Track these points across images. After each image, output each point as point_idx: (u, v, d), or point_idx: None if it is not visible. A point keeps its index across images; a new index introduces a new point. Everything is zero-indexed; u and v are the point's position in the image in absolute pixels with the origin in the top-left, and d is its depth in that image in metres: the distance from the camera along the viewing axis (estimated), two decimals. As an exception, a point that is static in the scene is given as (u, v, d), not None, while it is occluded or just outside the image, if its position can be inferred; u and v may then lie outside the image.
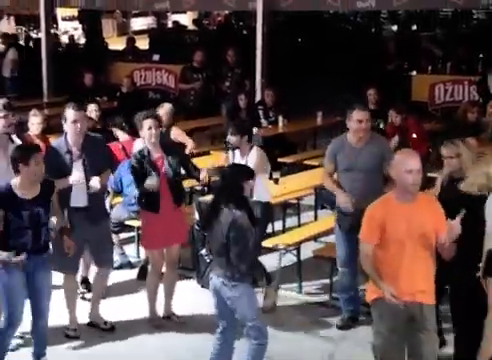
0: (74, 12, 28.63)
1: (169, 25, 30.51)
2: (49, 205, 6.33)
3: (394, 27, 28.54)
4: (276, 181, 9.62)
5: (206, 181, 7.82)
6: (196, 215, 8.39)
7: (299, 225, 9.96)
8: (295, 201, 10.24)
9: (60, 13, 32.48)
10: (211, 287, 6.17)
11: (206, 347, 6.48)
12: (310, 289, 8.42)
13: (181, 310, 7.74)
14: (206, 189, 10.89)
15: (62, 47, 22.12)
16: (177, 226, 7.43)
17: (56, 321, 7.20)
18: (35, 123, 10.05)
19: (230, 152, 8.20)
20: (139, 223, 8.36)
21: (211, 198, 6.43)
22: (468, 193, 6.12)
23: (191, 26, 27.45)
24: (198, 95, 15.25)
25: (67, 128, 7.01)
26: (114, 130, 9.99)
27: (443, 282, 6.06)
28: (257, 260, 7.38)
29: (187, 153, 9.76)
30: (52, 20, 19.73)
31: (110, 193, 8.96)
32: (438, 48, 17.80)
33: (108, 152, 7.68)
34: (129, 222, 8.98)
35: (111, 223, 8.24)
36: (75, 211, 7.03)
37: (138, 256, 9.25)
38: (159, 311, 7.64)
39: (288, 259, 8.51)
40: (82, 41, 24.36)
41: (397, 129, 10.87)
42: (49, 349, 6.71)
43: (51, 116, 14.27)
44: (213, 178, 10.87)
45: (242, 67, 15.21)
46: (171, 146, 7.74)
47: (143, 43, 23.80)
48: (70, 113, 6.98)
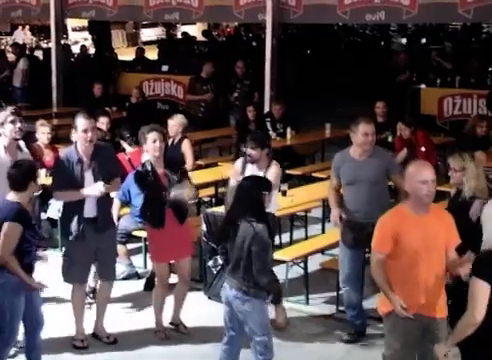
0: (84, 23, 28.71)
1: (178, 36, 30.61)
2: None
3: (403, 40, 28.55)
4: (284, 193, 9.62)
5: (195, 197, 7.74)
6: (204, 226, 8.38)
7: (306, 237, 9.95)
8: (303, 213, 10.23)
9: (70, 24, 32.65)
10: (223, 297, 6.16)
11: (212, 358, 6.47)
12: (317, 301, 8.40)
13: (188, 321, 7.72)
14: (214, 200, 10.91)
15: (73, 57, 22.19)
16: (183, 240, 7.42)
17: (63, 331, 7.22)
18: (43, 133, 10.13)
19: (239, 163, 8.06)
20: (146, 234, 8.38)
21: (227, 210, 6.36)
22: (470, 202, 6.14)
23: (200, 37, 27.50)
24: (208, 106, 15.28)
25: (77, 137, 6.99)
26: (121, 142, 10.00)
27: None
28: (274, 275, 7.38)
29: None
30: (62, 30, 19.76)
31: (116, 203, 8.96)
32: (447, 61, 17.78)
33: (117, 161, 7.68)
34: (136, 233, 8.99)
35: (118, 234, 8.25)
36: (87, 222, 7.04)
37: (145, 267, 9.24)
38: (165, 322, 7.63)
39: (295, 271, 8.50)
40: (92, 51, 24.40)
41: (406, 142, 10.88)
42: (55, 358, 6.69)
43: (60, 126, 14.39)
44: (221, 190, 10.93)
45: (251, 79, 15.23)
46: (174, 162, 7.69)
47: (152, 54, 23.87)
48: (80, 122, 6.96)
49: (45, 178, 9.81)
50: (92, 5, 16.74)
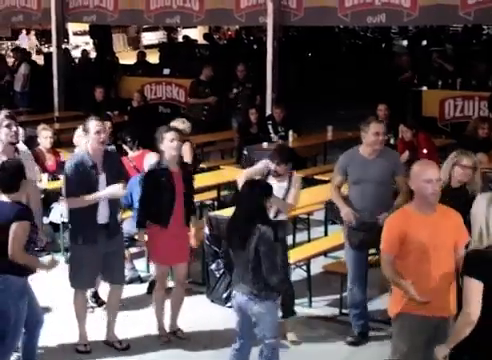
0: (85, 27, 28.75)
1: (180, 39, 30.64)
2: None
3: (404, 42, 28.56)
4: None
5: None
6: (206, 230, 8.38)
7: (309, 240, 9.94)
8: (305, 216, 10.23)
9: (71, 28, 32.72)
10: (235, 304, 6.17)
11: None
12: (320, 304, 8.40)
13: (191, 325, 7.73)
14: (216, 204, 10.91)
15: (74, 62, 22.21)
16: (183, 244, 7.42)
17: (66, 337, 7.22)
18: (46, 137, 10.13)
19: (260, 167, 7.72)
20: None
21: (231, 215, 6.33)
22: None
23: (201, 40, 27.52)
24: (211, 109, 15.29)
25: (90, 139, 6.98)
26: (123, 146, 9.99)
27: None
28: (287, 276, 7.45)
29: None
30: (63, 35, 19.79)
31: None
32: (448, 63, 17.78)
33: (123, 165, 7.67)
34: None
35: (122, 238, 8.24)
36: (99, 228, 7.04)
37: (148, 271, 9.24)
38: (167, 326, 7.64)
39: (298, 274, 8.51)
40: (93, 55, 24.43)
41: (407, 145, 10.87)
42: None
43: (62, 130, 14.40)
44: (223, 193, 10.94)
45: (253, 82, 15.23)
46: (184, 162, 7.72)
47: (153, 57, 23.89)
48: (93, 124, 6.98)
49: (47, 182, 9.83)
50: (93, 9, 16.77)
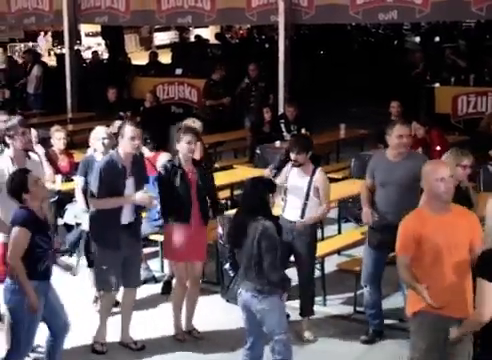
0: (97, 28, 28.83)
1: (191, 39, 30.66)
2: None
3: (417, 39, 28.49)
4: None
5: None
6: (220, 229, 8.40)
7: (322, 238, 9.92)
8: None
9: (84, 29, 32.80)
10: (240, 302, 6.17)
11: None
12: (334, 302, 8.39)
13: (206, 324, 7.74)
14: (230, 203, 10.92)
15: (85, 63, 22.27)
16: (201, 242, 7.45)
17: (81, 338, 7.25)
18: (59, 139, 10.15)
19: (285, 168, 7.72)
20: (163, 238, 8.39)
21: (235, 212, 6.38)
22: None
23: (213, 40, 27.55)
24: (225, 110, 15.32)
25: (123, 144, 7.01)
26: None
27: None
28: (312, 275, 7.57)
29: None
30: (76, 36, 19.85)
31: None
32: (461, 59, 17.72)
33: (146, 169, 7.67)
34: (153, 237, 9.01)
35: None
36: (123, 228, 7.08)
37: (162, 271, 9.25)
38: (182, 326, 7.65)
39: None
40: (105, 56, 24.49)
41: (420, 141, 10.84)
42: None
43: (75, 131, 14.45)
44: (236, 192, 10.94)
45: (266, 81, 15.23)
46: (200, 163, 7.74)
47: (166, 57, 23.93)
48: (128, 129, 7.00)
49: (61, 184, 9.85)
50: (105, 10, 16.81)
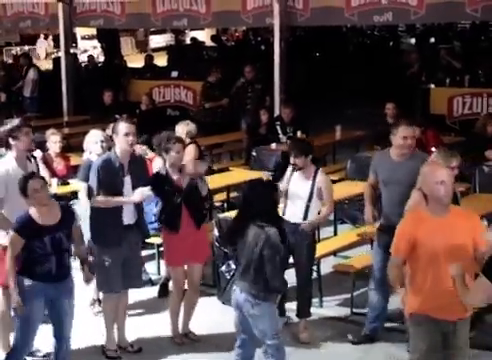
0: (93, 31, 28.84)
1: (187, 42, 30.68)
2: (70, 231, 6.30)
3: (412, 40, 28.52)
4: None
5: None
6: (216, 231, 8.41)
7: (319, 240, 9.92)
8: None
9: (79, 32, 32.81)
10: (233, 300, 6.16)
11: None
12: (331, 304, 8.40)
13: (203, 327, 7.74)
14: (226, 205, 10.93)
15: (82, 67, 22.26)
16: (199, 245, 7.44)
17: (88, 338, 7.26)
18: (55, 142, 10.16)
19: (288, 172, 7.69)
20: (159, 240, 8.40)
21: (236, 214, 6.31)
22: None
23: (209, 42, 27.57)
24: (224, 111, 15.34)
25: (118, 141, 7.02)
26: (140, 147, 9.89)
27: None
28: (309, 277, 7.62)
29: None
30: (72, 39, 19.86)
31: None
32: (456, 60, 17.76)
33: (147, 171, 7.66)
34: (150, 239, 8.99)
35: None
36: (125, 229, 7.08)
37: (159, 273, 9.26)
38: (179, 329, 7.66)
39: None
40: (100, 59, 24.50)
41: (416, 142, 10.82)
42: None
43: (72, 135, 14.45)
44: (232, 194, 10.95)
45: (262, 83, 15.24)
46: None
47: (162, 60, 23.94)
48: (122, 126, 7.00)
49: (57, 187, 9.85)
50: (100, 14, 16.85)
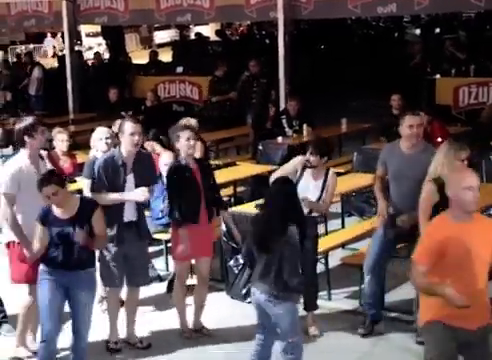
0: (98, 28, 28.87)
1: (192, 37, 30.67)
2: (86, 225, 6.31)
3: (417, 31, 28.43)
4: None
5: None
6: (223, 226, 8.42)
7: (326, 233, 9.95)
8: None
9: (84, 29, 32.85)
10: (253, 301, 6.17)
11: (241, 358, 6.52)
12: (339, 297, 8.41)
13: (212, 322, 7.75)
14: (233, 200, 10.94)
15: (87, 64, 22.27)
16: (208, 239, 7.48)
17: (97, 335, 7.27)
18: (61, 140, 10.16)
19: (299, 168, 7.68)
20: (167, 236, 8.41)
21: (262, 214, 6.22)
22: None
23: (214, 37, 27.56)
24: (232, 105, 15.35)
25: (124, 141, 7.03)
26: (149, 144, 9.89)
27: None
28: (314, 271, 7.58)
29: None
30: (76, 37, 19.91)
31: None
32: (460, 52, 17.71)
33: (155, 170, 7.66)
34: (158, 235, 9.02)
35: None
36: (126, 226, 7.10)
37: (167, 269, 9.28)
38: (190, 323, 7.67)
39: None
40: (106, 56, 24.51)
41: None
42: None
43: (78, 132, 14.48)
44: (239, 189, 10.97)
45: (268, 77, 15.22)
46: (201, 161, 7.75)
47: (167, 56, 23.94)
48: (128, 125, 7.02)
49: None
50: (104, 11, 16.87)
